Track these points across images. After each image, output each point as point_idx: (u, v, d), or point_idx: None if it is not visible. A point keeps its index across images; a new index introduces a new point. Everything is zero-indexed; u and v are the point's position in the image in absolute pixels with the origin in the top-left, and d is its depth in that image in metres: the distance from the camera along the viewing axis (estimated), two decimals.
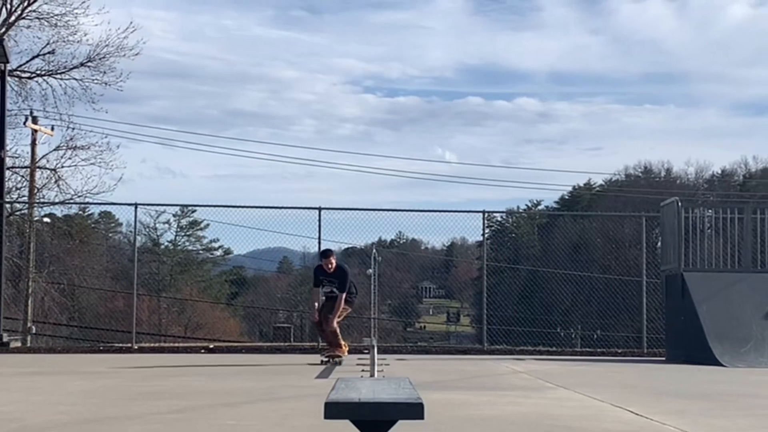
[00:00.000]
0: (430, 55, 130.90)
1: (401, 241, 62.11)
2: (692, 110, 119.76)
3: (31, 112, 29.90)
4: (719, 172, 72.93)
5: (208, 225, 54.95)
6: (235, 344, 24.33)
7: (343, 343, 13.99)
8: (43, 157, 30.34)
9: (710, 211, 20.16)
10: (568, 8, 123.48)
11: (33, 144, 30.39)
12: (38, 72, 29.84)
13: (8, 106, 22.02)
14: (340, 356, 13.90)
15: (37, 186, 30.23)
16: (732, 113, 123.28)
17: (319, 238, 20.65)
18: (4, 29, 28.49)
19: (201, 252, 62.54)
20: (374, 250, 19.46)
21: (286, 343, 22.93)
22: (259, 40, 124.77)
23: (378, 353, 11.20)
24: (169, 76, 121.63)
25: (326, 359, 14.07)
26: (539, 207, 66.47)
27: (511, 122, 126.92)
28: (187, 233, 60.17)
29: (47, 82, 29.78)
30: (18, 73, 28.87)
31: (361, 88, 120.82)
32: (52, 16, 29.37)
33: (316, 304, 14.04)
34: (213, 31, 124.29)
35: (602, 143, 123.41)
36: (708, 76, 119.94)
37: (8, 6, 29.17)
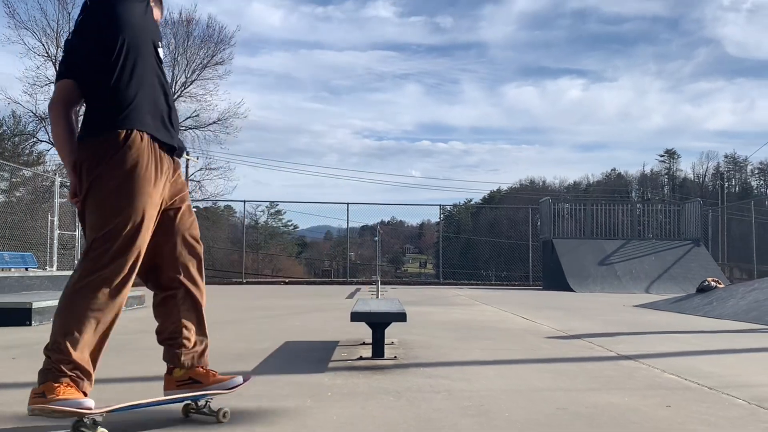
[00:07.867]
0: (401, 117, 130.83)
1: (394, 222, 61.90)
2: (550, 148, 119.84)
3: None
4: (572, 182, 73.11)
5: (285, 212, 55.17)
6: (300, 280, 24.33)
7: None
8: (191, 174, 30.45)
9: (567, 204, 20.11)
10: (479, 92, 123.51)
11: (186, 167, 30.48)
12: (189, 127, 29.93)
13: None
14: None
15: (189, 191, 30.41)
16: (573, 150, 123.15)
17: (348, 219, 20.62)
18: None
19: (281, 227, 62.29)
20: (378, 227, 19.45)
21: (329, 279, 22.95)
22: (303, 109, 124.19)
23: (381, 285, 11.18)
24: (253, 129, 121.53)
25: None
26: (471, 202, 66.54)
27: (447, 156, 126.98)
28: (273, 217, 59.94)
29: (194, 132, 29.90)
30: None
31: (361, 135, 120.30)
32: (197, 95, 29.53)
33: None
34: (277, 104, 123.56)
35: (498, 167, 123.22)
36: (558, 129, 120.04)
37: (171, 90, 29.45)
